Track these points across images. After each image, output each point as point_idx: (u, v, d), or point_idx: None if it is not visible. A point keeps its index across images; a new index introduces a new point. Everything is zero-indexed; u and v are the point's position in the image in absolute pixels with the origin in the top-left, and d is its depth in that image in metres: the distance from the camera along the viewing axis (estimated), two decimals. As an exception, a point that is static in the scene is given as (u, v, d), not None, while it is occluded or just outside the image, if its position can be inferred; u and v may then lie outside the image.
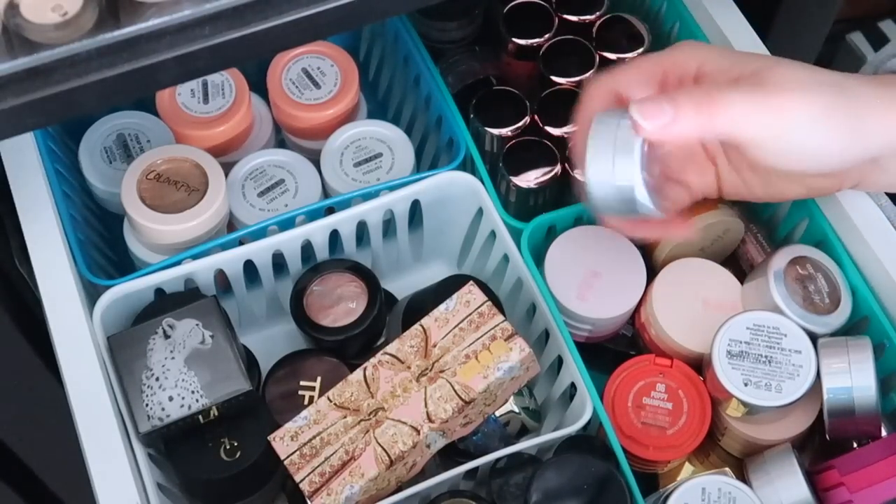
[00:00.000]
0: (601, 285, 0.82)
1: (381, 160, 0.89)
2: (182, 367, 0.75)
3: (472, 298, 0.76)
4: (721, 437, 0.79)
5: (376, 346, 0.85)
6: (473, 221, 0.88)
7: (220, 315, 0.77)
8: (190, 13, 0.63)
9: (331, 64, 0.92)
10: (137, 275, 0.80)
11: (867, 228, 0.80)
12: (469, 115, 0.89)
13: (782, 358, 0.75)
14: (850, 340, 0.75)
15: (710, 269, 0.83)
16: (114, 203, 0.88)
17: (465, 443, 0.78)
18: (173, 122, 0.89)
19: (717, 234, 0.84)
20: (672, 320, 0.81)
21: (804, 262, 0.80)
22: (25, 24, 0.61)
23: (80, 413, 0.73)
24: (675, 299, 0.82)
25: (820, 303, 0.79)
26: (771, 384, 0.74)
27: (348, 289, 0.84)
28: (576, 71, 0.90)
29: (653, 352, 0.81)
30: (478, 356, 0.74)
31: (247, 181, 0.88)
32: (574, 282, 0.82)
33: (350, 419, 0.73)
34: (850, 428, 0.75)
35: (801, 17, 1.10)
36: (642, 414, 0.78)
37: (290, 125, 0.92)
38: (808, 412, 0.77)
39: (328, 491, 0.71)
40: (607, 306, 0.82)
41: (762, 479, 0.75)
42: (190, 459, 0.75)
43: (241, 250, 0.82)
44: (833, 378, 0.74)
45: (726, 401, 0.76)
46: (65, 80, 0.62)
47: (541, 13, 0.93)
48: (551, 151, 0.87)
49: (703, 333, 0.78)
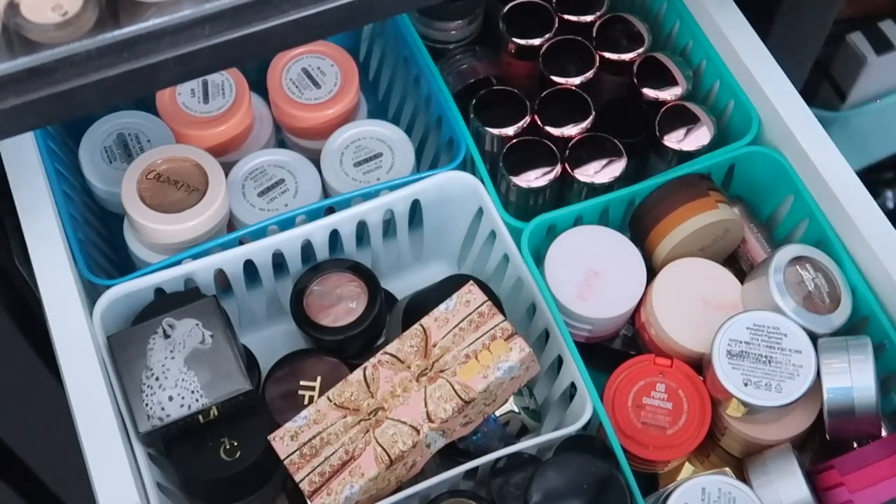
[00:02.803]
0: (601, 285, 0.82)
1: (381, 160, 0.89)
2: (182, 366, 0.75)
3: (472, 298, 0.76)
4: (721, 437, 0.79)
5: (376, 346, 0.85)
6: (473, 221, 0.88)
7: (220, 315, 0.77)
8: (190, 13, 0.63)
9: (331, 64, 0.92)
10: (137, 275, 0.80)
11: (867, 228, 0.80)
12: (469, 115, 0.89)
13: (782, 358, 0.75)
14: (850, 340, 0.75)
15: (710, 269, 0.83)
16: (114, 203, 0.88)
17: (465, 443, 0.78)
18: (173, 121, 0.89)
19: (717, 235, 0.84)
20: (672, 320, 0.81)
21: (804, 261, 0.80)
22: (25, 23, 0.62)
23: (80, 413, 0.73)
24: (675, 299, 0.82)
25: (820, 303, 0.79)
26: (771, 384, 0.74)
27: (348, 289, 0.84)
28: (576, 71, 0.90)
29: (653, 352, 0.81)
30: (478, 356, 0.74)
31: (247, 181, 0.88)
32: (574, 282, 0.82)
33: (350, 419, 0.73)
34: (850, 428, 0.75)
35: (801, 17, 1.10)
36: (642, 414, 0.78)
37: (290, 125, 0.92)
38: (809, 412, 0.77)
39: (328, 491, 0.71)
40: (607, 306, 0.82)
41: (762, 479, 0.75)
42: (190, 459, 0.75)
43: (241, 250, 0.82)
44: (833, 378, 0.74)
45: (726, 401, 0.76)
46: (65, 79, 0.62)
47: (541, 13, 0.93)
48: (551, 151, 0.87)
49: (703, 333, 0.78)
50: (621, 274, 0.83)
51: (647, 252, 0.85)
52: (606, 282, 0.82)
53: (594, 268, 0.82)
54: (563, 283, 0.82)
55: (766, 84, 0.86)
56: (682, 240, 0.83)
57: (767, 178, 0.87)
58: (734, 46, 0.88)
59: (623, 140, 0.87)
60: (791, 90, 0.86)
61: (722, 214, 0.83)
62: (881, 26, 1.41)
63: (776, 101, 0.85)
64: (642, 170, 0.90)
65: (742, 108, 0.88)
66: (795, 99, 0.86)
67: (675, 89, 0.90)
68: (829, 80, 1.43)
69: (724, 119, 0.90)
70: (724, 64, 0.89)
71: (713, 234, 0.84)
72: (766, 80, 0.87)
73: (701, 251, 0.85)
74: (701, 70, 0.92)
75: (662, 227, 0.84)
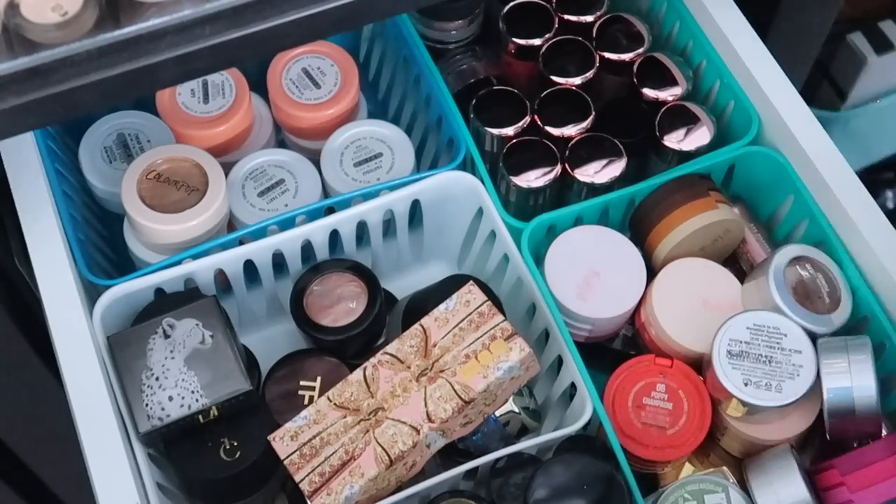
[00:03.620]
0: (601, 285, 0.82)
1: (381, 160, 0.89)
2: (182, 366, 0.75)
3: (472, 298, 0.76)
4: (721, 437, 0.79)
5: (376, 346, 0.85)
6: (473, 221, 0.88)
7: (220, 315, 0.77)
8: (190, 13, 0.63)
9: (331, 64, 0.92)
10: (137, 275, 0.80)
11: (867, 228, 0.80)
12: (469, 115, 0.89)
13: (782, 358, 0.75)
14: (849, 340, 0.75)
15: (710, 270, 0.83)
16: (114, 203, 0.88)
17: (465, 443, 0.78)
18: (173, 121, 0.89)
19: (717, 235, 0.84)
20: (672, 320, 0.81)
21: (804, 261, 0.80)
22: (26, 23, 0.62)
23: (80, 413, 0.73)
24: (675, 299, 0.82)
25: (820, 303, 0.79)
26: (771, 384, 0.74)
27: (348, 289, 0.84)
28: (576, 71, 0.90)
29: (653, 352, 0.81)
30: (478, 356, 0.74)
31: (247, 181, 0.88)
32: (574, 282, 0.82)
33: (350, 419, 0.73)
34: (850, 428, 0.75)
35: (801, 17, 1.10)
36: (642, 414, 0.78)
37: (290, 125, 0.92)
38: (809, 412, 0.77)
39: (328, 491, 0.71)
40: (607, 306, 0.82)
41: (761, 479, 0.75)
42: (190, 459, 0.75)
43: (241, 250, 0.82)
44: (833, 378, 0.74)
45: (726, 401, 0.76)
46: (65, 80, 0.62)
47: (541, 13, 0.93)
48: (551, 151, 0.87)
49: (703, 333, 0.78)
50: (621, 274, 0.83)
51: (648, 252, 0.85)
52: (606, 282, 0.82)
53: (594, 268, 0.82)
54: (564, 284, 0.82)
55: (766, 84, 0.86)
56: (682, 240, 0.83)
57: (767, 178, 0.87)
58: (734, 46, 0.88)
59: (623, 140, 0.87)
60: (791, 90, 0.86)
61: (722, 214, 0.83)
62: (881, 26, 1.41)
63: (776, 101, 0.85)
64: (642, 170, 0.90)
65: (742, 108, 0.88)
66: (795, 99, 0.86)
67: (675, 89, 0.90)
68: (829, 80, 1.43)
69: (724, 119, 0.90)
70: (724, 64, 0.89)
71: (713, 234, 0.84)
72: (766, 80, 0.87)
73: (701, 251, 0.85)
74: (701, 70, 0.92)
75: (662, 227, 0.84)
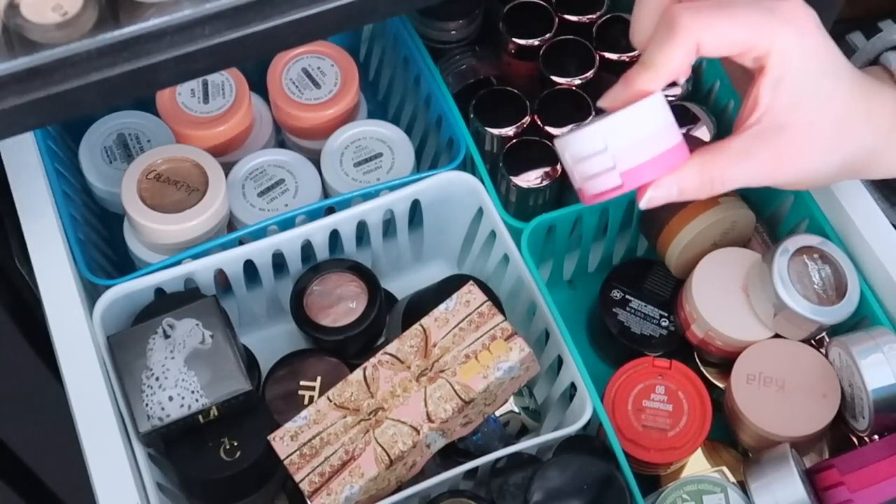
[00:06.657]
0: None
1: (381, 160, 0.89)
2: (182, 366, 0.75)
3: (471, 298, 0.76)
4: (738, 433, 0.79)
5: (376, 346, 0.85)
6: (473, 221, 0.88)
7: (220, 315, 0.77)
8: (190, 13, 0.63)
9: (331, 64, 0.92)
10: (137, 275, 0.80)
11: (867, 228, 0.80)
12: (469, 115, 0.89)
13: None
14: (873, 332, 0.75)
15: (745, 256, 0.82)
16: (114, 203, 0.88)
17: (465, 443, 0.78)
18: (173, 121, 0.89)
19: (726, 228, 0.84)
20: (716, 312, 0.80)
21: (812, 251, 0.79)
22: (26, 23, 0.62)
23: (80, 413, 0.73)
24: (717, 291, 0.81)
25: (823, 294, 0.78)
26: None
27: (348, 289, 0.84)
28: (576, 71, 0.90)
29: (701, 349, 0.81)
30: (478, 356, 0.74)
31: (247, 181, 0.88)
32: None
33: (350, 419, 0.73)
34: (892, 423, 0.74)
35: (801, 17, 1.10)
36: (643, 417, 0.78)
37: (290, 125, 0.92)
38: (826, 411, 0.76)
39: (328, 491, 0.71)
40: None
41: (759, 480, 0.75)
42: (190, 459, 0.75)
43: (241, 250, 0.82)
44: (872, 371, 0.73)
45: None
46: (65, 80, 0.62)
47: (541, 13, 0.93)
48: (551, 151, 0.87)
49: (748, 320, 0.79)
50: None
51: (661, 253, 0.85)
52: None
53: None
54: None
55: (766, 84, 0.86)
56: (690, 239, 0.83)
57: (767, 178, 0.87)
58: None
59: (623, 140, 0.87)
60: (791, 90, 0.86)
61: (725, 209, 0.83)
62: (881, 26, 1.41)
63: (776, 101, 0.85)
64: (642, 170, 0.90)
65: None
66: (795, 99, 0.86)
67: (675, 89, 0.90)
68: (829, 80, 1.43)
69: (725, 119, 0.90)
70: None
71: (722, 229, 0.84)
72: (766, 80, 0.86)
73: (714, 246, 0.84)
74: (701, 70, 0.92)
75: (671, 229, 0.84)
